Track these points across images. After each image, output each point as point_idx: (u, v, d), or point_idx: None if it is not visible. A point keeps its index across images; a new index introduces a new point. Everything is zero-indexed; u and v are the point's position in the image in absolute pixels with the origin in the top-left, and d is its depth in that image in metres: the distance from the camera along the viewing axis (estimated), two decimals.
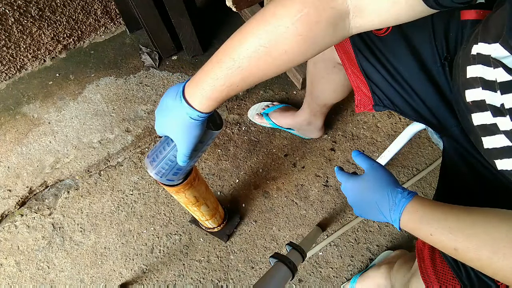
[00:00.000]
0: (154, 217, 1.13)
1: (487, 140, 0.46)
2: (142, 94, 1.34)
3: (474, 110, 0.47)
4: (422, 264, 0.55)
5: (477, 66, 0.44)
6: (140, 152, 1.24)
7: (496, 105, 0.42)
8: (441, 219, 0.42)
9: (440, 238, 0.42)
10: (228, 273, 1.04)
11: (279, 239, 1.08)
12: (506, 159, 0.44)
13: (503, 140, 0.43)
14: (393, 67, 0.60)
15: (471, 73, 0.46)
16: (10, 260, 1.09)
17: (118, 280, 1.05)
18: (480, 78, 0.44)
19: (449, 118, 0.59)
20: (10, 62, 1.35)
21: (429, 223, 0.43)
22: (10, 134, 1.29)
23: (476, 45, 0.44)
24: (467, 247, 0.39)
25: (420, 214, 0.44)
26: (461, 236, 0.40)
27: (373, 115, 1.26)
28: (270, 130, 1.25)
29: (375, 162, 0.54)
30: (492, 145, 0.46)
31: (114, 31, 1.50)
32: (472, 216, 0.40)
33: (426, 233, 0.43)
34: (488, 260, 0.38)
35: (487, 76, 0.43)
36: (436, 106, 0.59)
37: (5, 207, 1.16)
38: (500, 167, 0.46)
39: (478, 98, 0.45)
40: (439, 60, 0.57)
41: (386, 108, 0.66)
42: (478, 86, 0.45)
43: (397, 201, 0.47)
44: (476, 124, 0.47)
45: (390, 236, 1.07)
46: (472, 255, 0.39)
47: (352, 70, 0.67)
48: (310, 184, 1.15)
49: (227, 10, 1.10)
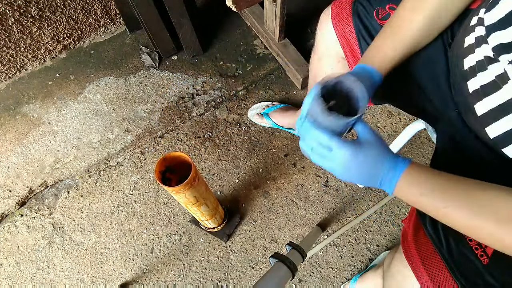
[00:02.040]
0: (154, 217, 1.13)
1: (479, 105, 0.48)
2: (142, 94, 1.34)
3: (471, 76, 0.48)
4: (405, 241, 0.56)
5: (475, 31, 0.46)
6: (140, 152, 1.24)
7: (489, 55, 0.44)
8: (434, 179, 0.44)
9: (432, 196, 0.43)
10: (228, 273, 1.04)
11: (279, 239, 1.08)
12: (497, 121, 0.46)
13: (495, 99, 0.45)
14: None
15: (469, 41, 0.48)
16: (10, 260, 1.09)
17: (118, 280, 1.05)
18: (475, 38, 0.46)
19: (449, 101, 0.59)
20: (10, 62, 1.35)
21: (422, 183, 0.44)
22: (10, 134, 1.29)
23: (476, 15, 0.46)
24: (456, 204, 0.41)
25: (414, 176, 0.45)
26: (453, 194, 0.42)
27: (373, 115, 1.26)
28: (270, 130, 1.25)
29: (368, 127, 0.51)
30: (484, 109, 0.47)
31: (114, 31, 1.50)
32: (463, 180, 0.43)
33: (418, 193, 0.44)
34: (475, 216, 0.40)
35: (480, 32, 0.45)
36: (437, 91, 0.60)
37: (5, 207, 1.16)
38: (492, 134, 0.47)
39: (474, 61, 0.47)
40: (443, 46, 0.57)
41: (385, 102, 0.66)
42: (473, 50, 0.47)
43: (394, 166, 0.46)
44: (471, 90, 0.49)
45: (390, 236, 1.07)
46: (461, 213, 0.41)
47: (354, 63, 0.67)
48: (310, 184, 1.15)
49: (227, 10, 1.10)
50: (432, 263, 0.51)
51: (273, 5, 1.14)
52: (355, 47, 0.66)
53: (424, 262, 0.51)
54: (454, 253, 0.49)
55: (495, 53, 0.43)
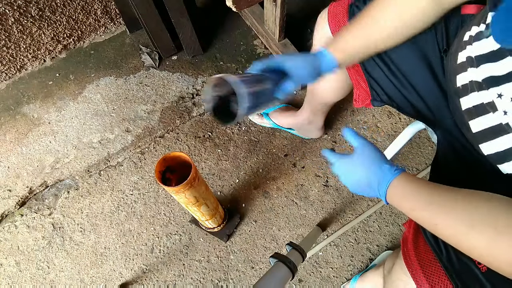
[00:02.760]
0: (154, 217, 1.13)
1: (473, 123, 0.48)
2: (142, 94, 1.34)
3: (463, 94, 0.49)
4: (405, 247, 0.56)
5: (466, 49, 0.46)
6: (140, 152, 1.24)
7: (478, 80, 0.44)
8: (424, 194, 0.43)
9: (421, 213, 0.43)
10: (228, 273, 1.04)
11: (279, 239, 1.08)
12: (489, 141, 0.46)
13: (488, 119, 0.45)
14: (392, 61, 0.61)
15: (462, 58, 0.48)
16: (10, 260, 1.09)
17: (118, 280, 1.05)
18: (467, 57, 0.46)
19: (444, 109, 0.60)
20: (10, 62, 1.35)
21: (413, 198, 0.44)
22: (10, 134, 1.29)
23: (469, 31, 0.46)
24: (447, 222, 0.40)
25: (405, 189, 0.45)
26: (442, 212, 0.41)
27: (373, 115, 1.26)
28: (270, 130, 1.24)
29: (365, 139, 0.55)
30: (478, 128, 0.48)
31: (114, 31, 1.50)
32: (455, 195, 0.42)
33: (408, 208, 0.45)
34: (464, 236, 0.39)
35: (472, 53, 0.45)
36: (433, 98, 0.61)
37: (5, 207, 1.16)
38: (486, 151, 0.48)
39: (466, 80, 0.47)
40: (439, 52, 0.58)
41: (384, 103, 0.66)
42: (466, 68, 0.47)
43: (385, 175, 0.48)
44: (464, 108, 0.49)
45: (390, 236, 1.07)
46: (451, 231, 0.40)
47: (352, 66, 0.67)
48: (310, 184, 1.15)
49: (227, 10, 1.10)
50: (433, 271, 0.50)
51: (273, 5, 1.14)
52: None
53: (424, 270, 0.51)
54: (454, 261, 0.49)
55: (485, 84, 0.43)
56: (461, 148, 0.57)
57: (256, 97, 0.53)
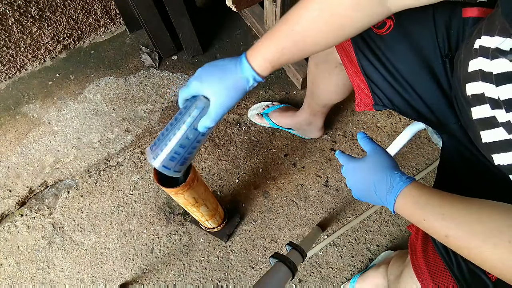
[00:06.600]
0: (154, 217, 1.13)
1: (485, 134, 0.47)
2: (142, 94, 1.34)
3: (474, 104, 0.47)
4: (414, 255, 0.55)
5: (478, 59, 0.45)
6: (140, 152, 1.24)
7: (494, 97, 0.42)
8: (436, 205, 0.42)
9: (432, 224, 0.42)
10: (228, 273, 1.04)
11: (279, 239, 1.08)
12: (503, 153, 0.44)
13: (501, 133, 0.44)
14: (393, 66, 0.60)
15: (473, 67, 0.46)
16: (10, 260, 1.09)
17: (118, 280, 1.05)
18: (480, 70, 0.44)
19: (448, 114, 0.59)
20: (10, 62, 1.35)
21: (423, 208, 0.43)
22: (10, 134, 1.29)
23: (479, 39, 0.45)
24: (458, 234, 0.39)
25: (416, 199, 0.44)
26: (453, 223, 0.40)
27: (373, 115, 1.26)
28: (270, 130, 1.24)
29: (378, 145, 0.54)
30: (490, 139, 0.46)
31: (114, 31, 1.50)
32: (467, 205, 0.40)
33: (419, 218, 0.43)
34: (477, 248, 0.38)
35: (485, 68, 0.43)
36: (435, 103, 0.60)
37: (5, 207, 1.16)
38: (497, 161, 0.46)
39: (478, 91, 0.46)
40: (441, 57, 0.57)
41: (386, 108, 0.66)
42: (478, 79, 0.45)
43: (395, 184, 0.47)
44: (475, 117, 0.48)
45: (390, 236, 1.07)
46: (462, 243, 0.39)
47: (352, 70, 0.67)
48: (310, 184, 1.15)
49: (227, 10, 1.10)
50: (442, 280, 0.50)
51: (273, 5, 1.14)
52: (351, 53, 0.66)
53: (434, 279, 0.50)
54: (464, 271, 0.48)
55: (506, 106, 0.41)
56: (469, 154, 0.56)
57: (177, 153, 0.55)
